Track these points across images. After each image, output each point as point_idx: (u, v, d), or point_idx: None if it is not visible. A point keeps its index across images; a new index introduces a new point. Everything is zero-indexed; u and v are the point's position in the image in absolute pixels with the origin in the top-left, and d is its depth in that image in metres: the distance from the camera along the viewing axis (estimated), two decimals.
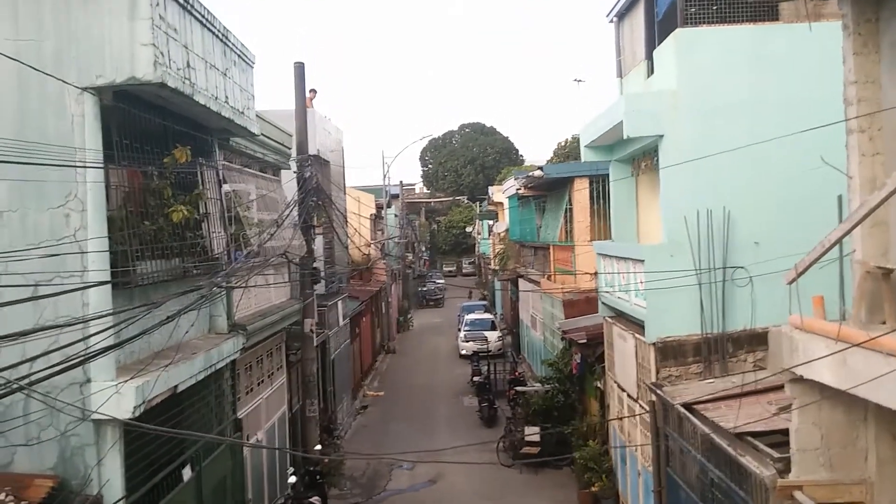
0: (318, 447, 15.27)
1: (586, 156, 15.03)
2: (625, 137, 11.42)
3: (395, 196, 50.44)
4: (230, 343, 10.22)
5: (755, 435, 7.86)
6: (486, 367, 24.73)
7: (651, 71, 12.39)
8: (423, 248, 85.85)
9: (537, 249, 26.68)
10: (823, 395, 6.87)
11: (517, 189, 24.97)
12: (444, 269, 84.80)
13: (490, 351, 27.00)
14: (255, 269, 10.57)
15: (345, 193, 24.01)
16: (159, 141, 8.40)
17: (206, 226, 9.78)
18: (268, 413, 13.52)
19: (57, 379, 6.78)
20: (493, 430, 20.57)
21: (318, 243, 19.21)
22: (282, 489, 13.31)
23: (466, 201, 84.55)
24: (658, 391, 10.71)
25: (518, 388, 20.10)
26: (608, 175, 15.85)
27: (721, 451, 8.52)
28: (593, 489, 14.59)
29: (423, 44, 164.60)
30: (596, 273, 15.55)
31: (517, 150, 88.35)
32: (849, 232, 5.92)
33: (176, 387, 8.01)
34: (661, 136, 11.25)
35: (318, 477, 14.38)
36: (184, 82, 7.47)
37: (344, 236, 20.16)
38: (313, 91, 21.44)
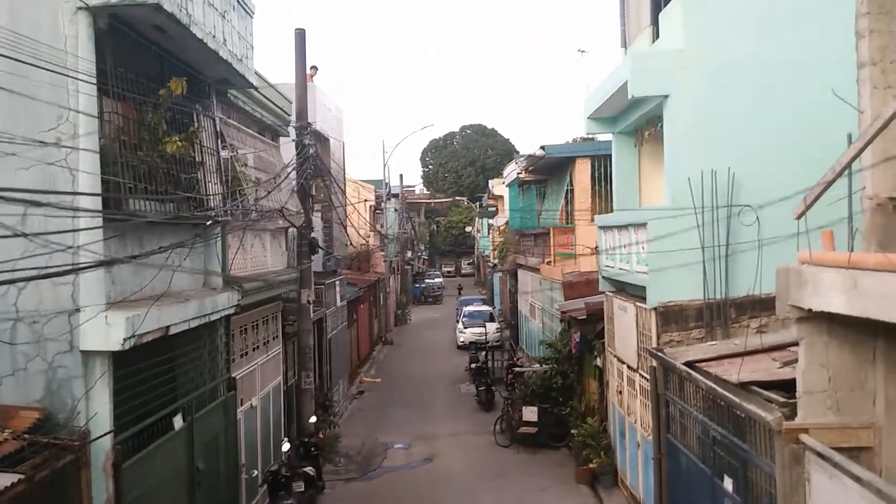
0: (313, 419, 15.09)
1: (589, 128, 14.88)
2: (630, 98, 11.25)
3: (395, 195, 50.26)
4: (224, 297, 10.02)
5: (759, 385, 7.68)
6: (483, 354, 24.52)
7: (656, 35, 12.23)
8: (423, 248, 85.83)
9: (537, 237, 26.50)
10: (831, 335, 6.70)
11: (518, 174, 24.80)
12: (444, 269, 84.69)
13: (488, 341, 26.77)
14: (250, 219, 10.40)
15: (344, 173, 23.81)
16: (155, 79, 8.22)
17: (202, 175, 9.61)
18: (263, 381, 13.32)
19: (45, 307, 6.65)
20: (490, 414, 20.34)
21: (317, 223, 19.09)
22: (276, 457, 13.09)
23: (467, 202, 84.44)
24: (659, 354, 10.52)
25: (516, 370, 19.90)
26: (610, 155, 15.71)
27: (724, 405, 8.35)
28: (591, 465, 14.38)
29: (425, 38, 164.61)
30: (596, 248, 15.37)
31: (518, 152, 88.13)
32: (862, 150, 5.75)
33: (168, 328, 7.82)
34: (667, 97, 11.09)
35: (312, 449, 14.17)
36: (180, 10, 7.30)
37: (343, 214, 20.02)
38: (314, 68, 21.28)
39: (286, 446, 12.90)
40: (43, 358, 6.78)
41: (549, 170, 22.68)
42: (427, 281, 66.94)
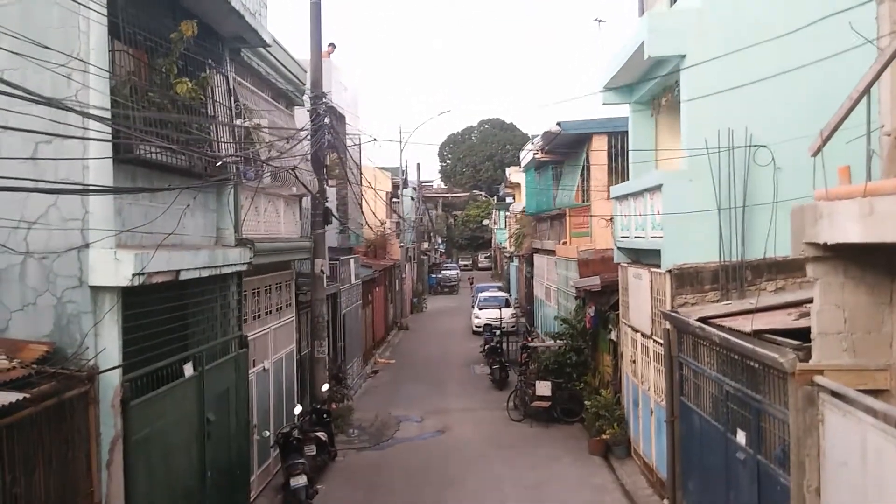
0: (326, 387, 15.11)
1: (605, 99, 14.71)
2: (646, 57, 11.11)
3: (413, 187, 50.26)
4: (236, 252, 10.04)
5: (774, 333, 7.55)
6: (498, 333, 24.40)
7: (674, 1, 12.08)
8: (440, 241, 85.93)
9: (553, 219, 26.37)
10: (847, 276, 6.57)
11: (534, 154, 24.64)
12: (461, 263, 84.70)
13: (503, 325, 26.55)
14: (262, 176, 10.40)
15: (360, 152, 23.77)
16: (167, 29, 8.21)
17: (214, 129, 9.62)
18: (275, 346, 13.35)
19: (55, 244, 6.68)
20: (504, 392, 20.25)
21: (332, 198, 19.08)
22: (288, 421, 13.11)
23: (484, 196, 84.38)
24: (673, 314, 10.40)
25: (530, 344, 19.79)
26: (626, 132, 15.57)
27: (737, 358, 8.23)
28: (604, 436, 14.28)
29: (440, 25, 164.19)
30: (612, 219, 15.24)
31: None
32: (878, 75, 5.60)
33: (178, 273, 7.83)
34: (684, 57, 10.94)
35: (325, 416, 14.20)
36: None
37: (358, 191, 20.00)
38: (332, 45, 21.20)
39: (298, 409, 12.93)
40: (52, 293, 6.80)
41: (566, 149, 22.51)
42: (444, 272, 66.98)
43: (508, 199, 48.52)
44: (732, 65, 10.72)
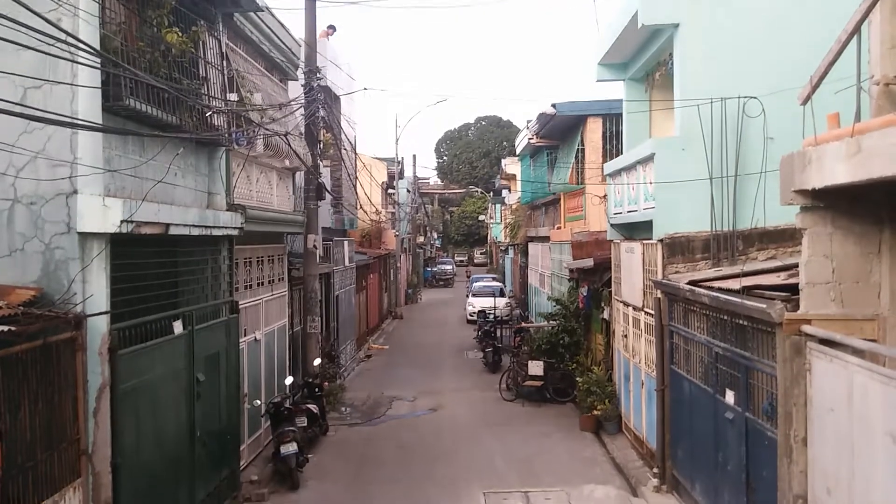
0: (318, 361, 15.09)
1: (600, 75, 14.70)
2: (640, 26, 11.10)
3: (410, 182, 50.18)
4: (227, 216, 10.03)
5: (763, 289, 7.57)
6: (492, 316, 24.36)
7: None
8: (435, 236, 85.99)
9: (548, 206, 26.40)
10: (836, 226, 6.59)
11: (529, 139, 24.64)
12: (456, 259, 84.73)
13: (497, 315, 26.33)
14: (255, 138, 10.38)
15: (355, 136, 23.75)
16: None
17: (206, 90, 9.58)
18: (267, 318, 13.34)
19: (43, 189, 6.65)
20: (496, 375, 20.21)
21: (327, 179, 19.03)
22: (279, 393, 13.06)
23: (481, 192, 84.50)
24: (664, 281, 10.41)
25: (524, 325, 19.78)
26: (621, 114, 15.59)
27: (727, 319, 8.25)
28: (596, 412, 14.29)
29: (438, 18, 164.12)
30: (605, 196, 15.25)
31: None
32: (867, 14, 5.61)
33: (168, 227, 7.82)
34: (677, 26, 10.95)
35: (316, 390, 14.19)
36: None
37: (352, 171, 19.97)
38: (332, 28, 21.09)
39: (289, 380, 12.90)
40: (40, 239, 6.77)
41: (561, 133, 22.52)
42: (439, 266, 67.09)
43: (504, 192, 48.52)
44: (726, 32, 10.78)
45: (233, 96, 10.49)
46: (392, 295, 38.93)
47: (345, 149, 19.07)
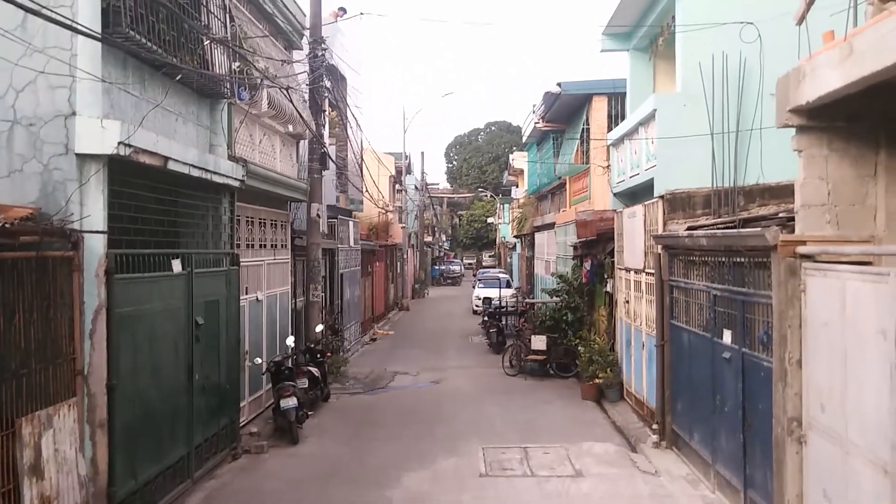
0: (320, 327, 15.11)
1: (604, 45, 14.75)
2: None
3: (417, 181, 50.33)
4: (229, 165, 10.09)
5: (760, 219, 7.55)
6: (497, 303, 24.30)
7: None
8: (444, 238, 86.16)
9: (554, 193, 26.40)
10: (832, 149, 6.57)
11: (535, 123, 24.64)
12: (465, 262, 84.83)
13: (503, 305, 26.15)
14: (259, 90, 10.44)
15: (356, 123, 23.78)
16: None
17: (208, 42, 9.65)
18: (269, 282, 13.38)
19: (42, 111, 6.72)
20: (500, 355, 20.18)
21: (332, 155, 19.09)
22: (281, 351, 13.10)
23: (490, 196, 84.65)
24: (663, 235, 10.39)
25: (528, 301, 19.74)
26: (625, 93, 15.61)
27: (724, 259, 8.23)
28: (597, 380, 14.24)
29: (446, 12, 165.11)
30: (608, 165, 15.24)
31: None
32: None
33: (166, 161, 7.86)
34: None
35: (318, 356, 14.20)
36: None
37: (357, 150, 20.02)
38: (342, 10, 21.10)
39: (291, 339, 12.91)
40: (39, 160, 6.84)
41: (567, 116, 22.52)
42: (447, 265, 67.28)
43: (512, 189, 48.56)
44: None
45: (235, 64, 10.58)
46: (399, 287, 38.97)
47: (349, 124, 19.11)
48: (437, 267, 64.97)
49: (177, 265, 8.65)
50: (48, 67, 6.81)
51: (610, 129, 19.96)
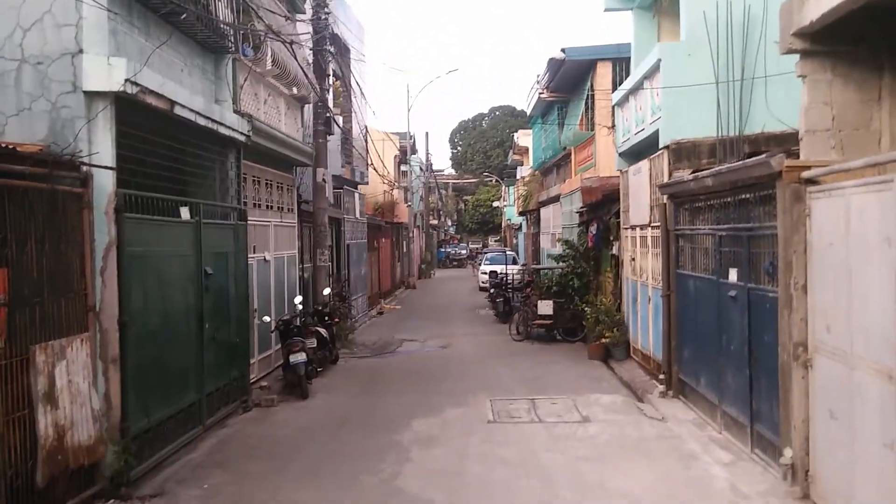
0: (328, 290, 15.20)
1: (608, 4, 14.68)
2: None
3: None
4: (234, 117, 10.14)
5: (764, 152, 7.55)
6: (504, 273, 24.32)
7: None
8: (450, 223, 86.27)
9: (559, 166, 26.36)
10: (835, 73, 6.58)
11: (539, 93, 24.59)
12: (471, 245, 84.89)
13: (509, 281, 26.04)
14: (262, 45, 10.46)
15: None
16: None
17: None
18: (277, 244, 13.45)
19: (49, 49, 6.76)
20: (506, 325, 20.27)
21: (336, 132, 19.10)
22: (289, 311, 13.18)
23: (495, 181, 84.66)
24: (669, 182, 10.40)
25: (534, 267, 19.76)
26: (630, 58, 15.55)
27: (730, 199, 8.25)
28: (604, 340, 14.30)
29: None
30: (613, 126, 15.23)
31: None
32: None
33: (173, 105, 7.91)
34: None
35: (326, 318, 14.29)
36: None
37: (361, 123, 20.03)
38: None
39: (299, 299, 13.00)
40: (47, 98, 6.90)
41: (571, 85, 22.46)
42: (454, 248, 67.54)
43: (518, 168, 48.51)
44: None
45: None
46: (405, 266, 39.07)
47: (354, 96, 19.15)
48: (443, 249, 65.14)
49: (185, 212, 8.72)
50: (54, 6, 6.85)
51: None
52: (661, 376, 10.97)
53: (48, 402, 6.13)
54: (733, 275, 8.22)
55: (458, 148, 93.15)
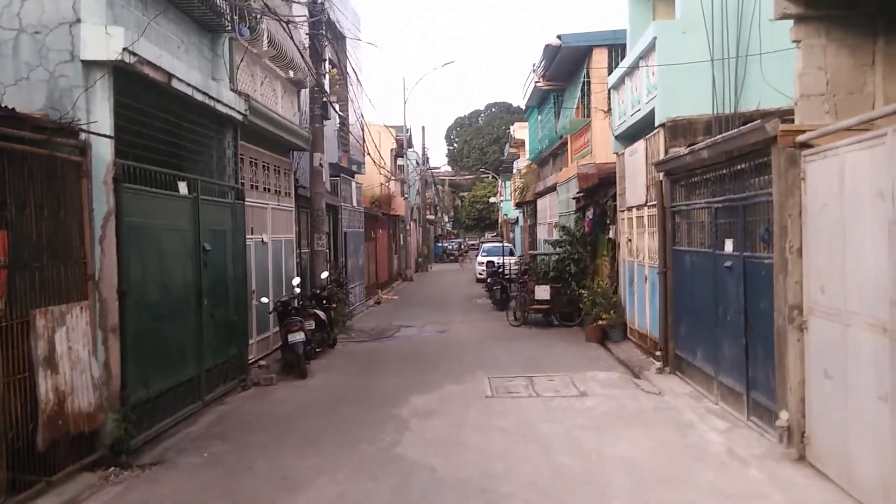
0: (325, 274, 15.23)
1: None
2: None
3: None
4: (232, 95, 10.17)
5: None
6: (501, 262, 24.38)
7: None
8: (447, 219, 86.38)
9: (555, 155, 26.40)
10: (829, 38, 6.63)
11: (535, 82, 24.61)
12: (468, 242, 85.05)
13: (506, 272, 26.08)
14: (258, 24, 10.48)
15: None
16: None
17: None
18: (274, 227, 13.48)
19: (47, 18, 6.78)
20: (504, 312, 20.33)
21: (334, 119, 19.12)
22: (287, 293, 13.21)
23: (492, 177, 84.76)
24: (665, 158, 10.45)
25: (531, 252, 19.81)
26: (625, 44, 15.56)
27: (725, 171, 8.31)
28: (601, 322, 14.36)
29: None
30: (609, 109, 15.28)
31: None
32: None
33: (171, 78, 7.94)
34: None
35: (324, 302, 14.31)
36: None
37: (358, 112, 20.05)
38: None
39: (297, 280, 13.03)
40: (45, 68, 6.92)
41: (567, 73, 22.48)
42: (451, 243, 67.73)
43: (514, 162, 48.61)
44: None
45: None
46: (402, 259, 39.12)
47: (351, 84, 19.17)
48: (439, 244, 65.27)
49: (183, 187, 8.75)
50: None
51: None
52: (658, 353, 11.03)
53: (48, 367, 6.16)
54: (729, 245, 8.27)
55: (455, 145, 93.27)
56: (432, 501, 6.00)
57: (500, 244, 37.37)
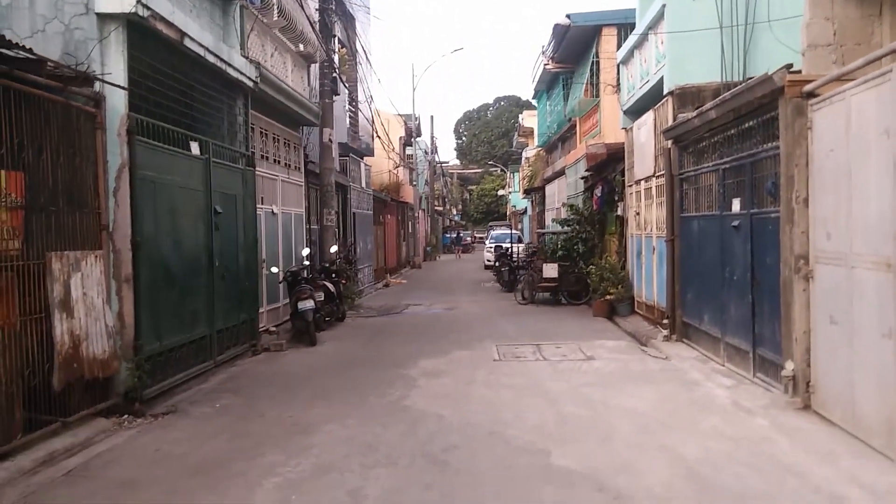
0: (335, 248, 15.33)
1: None
2: None
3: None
4: (242, 60, 10.26)
5: None
6: (509, 245, 24.46)
7: None
8: (455, 212, 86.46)
9: (564, 139, 26.40)
10: None
11: (545, 64, 24.62)
12: (476, 235, 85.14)
13: (514, 259, 26.14)
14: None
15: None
16: None
17: None
18: (284, 199, 13.58)
19: None
20: (511, 293, 20.40)
21: (344, 97, 19.19)
22: (297, 264, 13.32)
23: (500, 170, 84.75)
24: (672, 124, 10.47)
25: (539, 231, 19.84)
26: (635, 23, 15.58)
27: (733, 131, 8.34)
28: (609, 297, 14.40)
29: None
30: (618, 85, 15.29)
31: None
32: None
33: (183, 37, 8.03)
34: None
35: (333, 275, 14.41)
36: None
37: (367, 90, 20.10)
38: None
39: (307, 251, 13.13)
40: (60, 20, 7.02)
41: (576, 54, 22.48)
42: (459, 234, 67.82)
43: (523, 151, 48.64)
44: None
45: None
46: (411, 246, 39.22)
47: (360, 64, 19.24)
48: (447, 235, 65.33)
49: (195, 147, 8.86)
50: None
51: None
52: (665, 321, 11.08)
53: (64, 310, 6.27)
54: (736, 205, 8.31)
55: (463, 138, 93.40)
56: (440, 443, 6.09)
57: (509, 231, 37.48)
